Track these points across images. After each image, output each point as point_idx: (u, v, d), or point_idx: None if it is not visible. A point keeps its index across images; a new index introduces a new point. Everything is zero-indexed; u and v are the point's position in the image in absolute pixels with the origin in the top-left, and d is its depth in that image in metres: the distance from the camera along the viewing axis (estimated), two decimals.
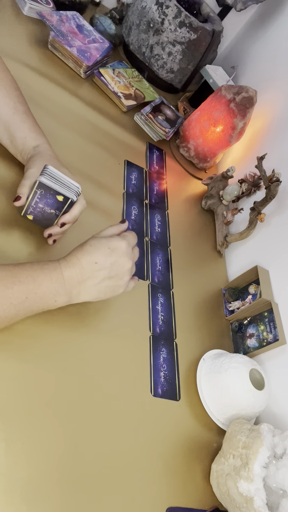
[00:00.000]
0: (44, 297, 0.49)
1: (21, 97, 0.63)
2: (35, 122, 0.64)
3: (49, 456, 0.47)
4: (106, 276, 0.54)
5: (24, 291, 0.47)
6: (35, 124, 0.63)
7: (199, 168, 1.10)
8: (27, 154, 0.61)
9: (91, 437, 0.52)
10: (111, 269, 0.54)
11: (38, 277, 0.49)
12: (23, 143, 0.61)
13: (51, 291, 0.50)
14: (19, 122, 0.61)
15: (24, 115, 0.62)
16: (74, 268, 0.52)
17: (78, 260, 0.52)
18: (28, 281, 0.48)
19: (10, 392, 0.48)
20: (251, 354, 0.76)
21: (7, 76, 0.63)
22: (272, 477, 0.52)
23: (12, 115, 0.61)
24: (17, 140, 0.61)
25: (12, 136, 0.61)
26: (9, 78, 0.63)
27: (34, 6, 0.96)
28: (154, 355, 0.67)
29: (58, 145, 0.74)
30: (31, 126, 0.62)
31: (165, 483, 0.56)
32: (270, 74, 1.07)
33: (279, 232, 0.84)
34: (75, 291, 0.52)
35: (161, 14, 1.02)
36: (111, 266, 0.54)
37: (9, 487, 0.43)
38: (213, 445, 0.64)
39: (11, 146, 0.62)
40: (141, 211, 0.85)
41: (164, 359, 0.68)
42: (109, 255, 0.54)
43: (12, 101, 0.61)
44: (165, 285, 0.78)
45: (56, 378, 0.53)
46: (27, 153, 0.61)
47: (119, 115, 0.99)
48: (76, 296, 0.53)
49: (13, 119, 0.61)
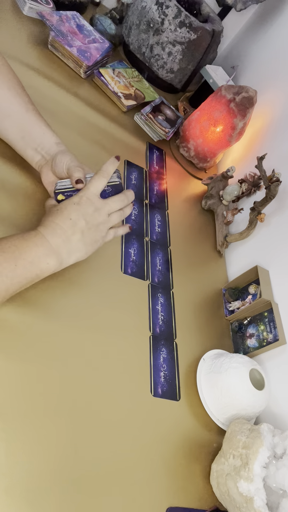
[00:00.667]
0: (35, 261, 0.50)
1: (29, 97, 0.65)
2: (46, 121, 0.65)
3: (49, 456, 0.47)
4: (85, 228, 0.55)
5: (11, 259, 0.48)
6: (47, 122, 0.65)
7: (199, 168, 1.10)
8: (50, 148, 0.62)
9: (91, 437, 0.52)
10: (86, 220, 0.55)
11: (21, 245, 0.50)
12: (42, 138, 0.62)
13: (39, 255, 0.51)
14: (34, 120, 0.62)
15: (37, 114, 0.64)
16: (55, 230, 0.53)
17: (54, 222, 0.53)
18: (13, 250, 0.48)
19: (10, 392, 0.48)
20: (251, 354, 0.76)
21: (15, 77, 0.64)
22: (272, 477, 0.52)
23: (25, 113, 0.62)
24: (34, 136, 0.62)
25: (27, 133, 0.62)
26: (17, 79, 0.64)
27: (34, 6, 0.96)
28: (154, 355, 0.67)
29: None
30: (46, 124, 0.64)
31: (165, 483, 0.56)
32: (270, 74, 1.07)
33: (279, 232, 0.84)
34: (64, 251, 0.53)
35: (161, 14, 1.02)
36: (85, 217, 0.55)
37: (9, 487, 0.43)
38: (213, 445, 0.64)
39: (24, 145, 0.62)
40: (141, 211, 0.85)
41: (164, 359, 0.68)
42: (76, 209, 0.55)
43: (23, 100, 0.63)
44: (165, 285, 0.78)
45: (56, 378, 0.53)
46: (49, 147, 0.62)
47: (119, 115, 0.99)
48: (67, 256, 0.54)
49: (28, 118, 0.62)
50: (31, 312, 0.55)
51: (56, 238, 0.53)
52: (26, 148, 0.62)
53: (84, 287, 0.64)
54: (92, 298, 0.64)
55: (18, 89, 0.63)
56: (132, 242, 0.78)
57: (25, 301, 0.55)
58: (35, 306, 0.56)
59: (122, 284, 0.71)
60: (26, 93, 0.65)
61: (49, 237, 0.52)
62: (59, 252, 0.53)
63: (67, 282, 0.62)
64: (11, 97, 0.61)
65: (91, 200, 0.56)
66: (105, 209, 0.57)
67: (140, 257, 0.77)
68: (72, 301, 0.61)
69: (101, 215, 0.57)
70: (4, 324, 0.52)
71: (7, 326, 0.52)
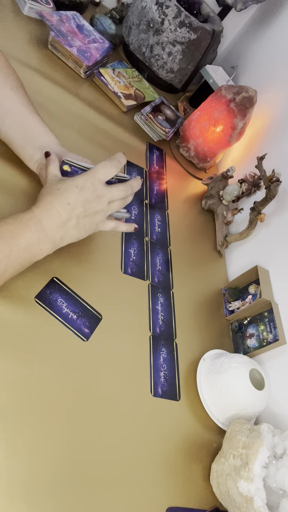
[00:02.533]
0: (28, 247, 0.50)
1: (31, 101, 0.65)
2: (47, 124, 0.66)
3: (49, 456, 0.47)
4: (82, 214, 0.54)
5: (6, 246, 0.48)
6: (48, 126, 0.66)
7: (199, 168, 1.10)
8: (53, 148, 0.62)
9: (91, 436, 0.52)
10: (85, 207, 0.54)
11: (16, 230, 0.49)
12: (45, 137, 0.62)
13: (33, 240, 0.50)
14: (36, 121, 0.63)
15: (39, 116, 0.64)
16: (51, 214, 0.52)
17: (52, 205, 0.52)
18: (7, 236, 0.48)
19: (10, 392, 0.48)
20: (251, 354, 0.76)
21: (18, 79, 0.65)
22: (272, 477, 0.52)
23: (28, 114, 0.62)
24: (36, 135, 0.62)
25: (29, 134, 0.62)
26: (19, 81, 0.65)
27: (34, 6, 0.96)
28: (154, 355, 0.67)
29: None
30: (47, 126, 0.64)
31: (165, 483, 0.56)
32: (270, 74, 1.07)
33: (279, 232, 0.84)
34: (57, 236, 0.53)
35: (161, 14, 1.02)
36: (84, 204, 0.54)
37: (9, 487, 0.43)
38: (213, 445, 0.64)
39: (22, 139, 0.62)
40: (141, 211, 0.85)
41: (164, 359, 0.68)
42: (78, 193, 0.54)
43: (25, 101, 0.63)
44: (165, 285, 0.78)
45: (55, 377, 0.53)
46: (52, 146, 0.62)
47: (119, 115, 0.99)
48: (60, 240, 0.54)
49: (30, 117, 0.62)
50: (31, 311, 0.55)
51: (51, 222, 0.52)
52: (26, 145, 0.62)
53: (84, 287, 0.64)
54: (92, 298, 0.64)
55: (21, 90, 0.64)
56: (132, 242, 0.78)
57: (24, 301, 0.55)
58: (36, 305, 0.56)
59: (122, 284, 0.71)
60: (28, 96, 0.65)
61: (44, 221, 0.51)
62: (53, 237, 0.53)
63: (67, 282, 0.62)
64: (14, 97, 0.62)
65: (95, 186, 0.55)
66: (107, 197, 0.56)
67: (140, 257, 0.77)
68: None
69: (101, 203, 0.56)
70: (3, 323, 0.52)
71: (6, 325, 0.52)
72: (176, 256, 0.84)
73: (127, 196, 0.60)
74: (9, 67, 0.64)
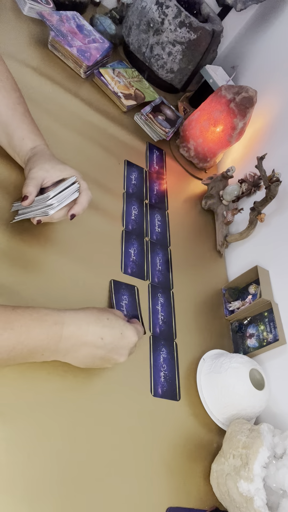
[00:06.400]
0: (33, 351, 0.46)
1: (20, 98, 0.63)
2: (33, 124, 0.64)
3: (49, 455, 0.47)
4: (99, 356, 0.51)
5: (13, 341, 0.43)
6: (34, 125, 0.63)
7: (199, 168, 1.10)
8: (25, 156, 0.61)
9: (90, 436, 0.52)
10: (109, 352, 0.51)
11: (34, 330, 0.45)
12: (20, 145, 0.61)
13: (42, 346, 0.46)
14: (17, 123, 0.61)
15: (23, 116, 0.62)
16: (78, 331, 0.48)
17: (88, 326, 0.49)
18: (21, 332, 0.44)
19: (10, 391, 0.48)
20: (251, 354, 0.76)
21: (8, 77, 0.63)
22: (272, 477, 0.52)
23: (11, 116, 0.61)
24: (15, 141, 0.61)
25: (10, 137, 0.61)
26: (9, 79, 0.63)
27: (34, 6, 0.96)
28: (154, 355, 0.67)
29: (58, 145, 0.74)
30: (29, 128, 0.62)
31: (165, 483, 0.56)
32: (270, 74, 1.07)
33: (279, 232, 0.84)
34: (64, 351, 0.49)
35: (161, 14, 1.02)
36: (111, 350, 0.51)
37: (9, 487, 0.43)
38: (213, 445, 0.64)
39: (9, 147, 0.62)
40: (141, 211, 0.85)
41: (164, 359, 0.68)
42: (117, 339, 0.51)
43: (11, 102, 0.61)
44: (165, 285, 0.78)
45: (55, 377, 0.53)
46: (24, 154, 0.61)
47: (119, 115, 0.99)
48: (63, 356, 0.49)
49: (12, 120, 0.61)
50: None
51: (71, 340, 0.48)
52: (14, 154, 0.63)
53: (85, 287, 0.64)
54: (92, 298, 0.64)
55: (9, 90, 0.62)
56: (132, 242, 0.78)
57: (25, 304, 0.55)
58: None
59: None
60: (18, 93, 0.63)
61: (67, 333, 0.47)
62: (61, 349, 0.48)
63: (67, 281, 0.62)
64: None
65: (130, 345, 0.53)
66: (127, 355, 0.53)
67: (140, 257, 0.77)
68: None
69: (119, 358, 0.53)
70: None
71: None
72: (176, 256, 0.84)
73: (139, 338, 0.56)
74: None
